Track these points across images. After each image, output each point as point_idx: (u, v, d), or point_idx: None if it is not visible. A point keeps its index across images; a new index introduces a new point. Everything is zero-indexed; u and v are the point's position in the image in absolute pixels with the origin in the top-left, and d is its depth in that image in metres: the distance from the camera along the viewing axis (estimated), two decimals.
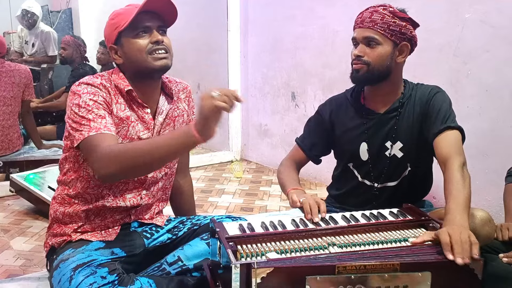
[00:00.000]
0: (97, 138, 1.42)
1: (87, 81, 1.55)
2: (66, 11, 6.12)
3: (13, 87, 3.53)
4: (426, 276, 1.26)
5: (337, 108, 1.91)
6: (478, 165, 2.41)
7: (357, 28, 1.75)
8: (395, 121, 1.80)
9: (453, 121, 1.68)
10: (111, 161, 1.36)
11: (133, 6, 1.57)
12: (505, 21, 2.36)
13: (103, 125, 1.46)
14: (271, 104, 4.02)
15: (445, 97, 1.76)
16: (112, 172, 1.37)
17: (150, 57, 1.54)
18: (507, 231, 1.69)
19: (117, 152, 1.37)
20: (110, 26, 1.58)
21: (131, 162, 1.37)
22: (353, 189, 1.92)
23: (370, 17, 1.71)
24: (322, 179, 3.48)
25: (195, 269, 1.60)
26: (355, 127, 1.85)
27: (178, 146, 1.36)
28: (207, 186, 3.56)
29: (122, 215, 1.67)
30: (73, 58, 4.28)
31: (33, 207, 2.93)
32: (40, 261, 2.22)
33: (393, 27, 1.69)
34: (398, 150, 1.80)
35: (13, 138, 3.57)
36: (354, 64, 1.74)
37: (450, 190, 1.49)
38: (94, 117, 1.47)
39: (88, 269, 1.46)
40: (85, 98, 1.49)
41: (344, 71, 3.23)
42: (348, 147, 1.87)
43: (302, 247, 1.35)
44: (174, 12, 1.58)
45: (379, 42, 1.70)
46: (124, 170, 1.38)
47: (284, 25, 3.77)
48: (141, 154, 1.36)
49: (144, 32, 1.54)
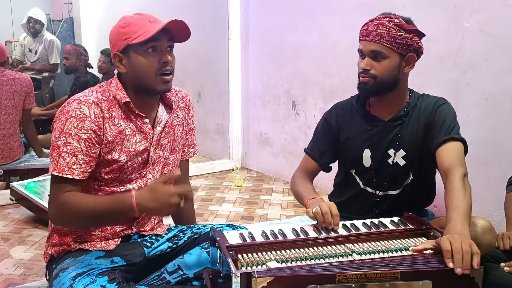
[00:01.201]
0: (58, 180, 1.49)
1: (80, 98, 1.52)
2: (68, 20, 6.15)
3: (14, 95, 3.54)
4: (426, 285, 1.25)
5: (343, 113, 1.92)
6: (478, 174, 2.41)
7: (363, 41, 1.74)
8: (399, 129, 1.80)
9: (457, 133, 1.69)
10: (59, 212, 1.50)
11: (145, 18, 1.54)
12: (504, 30, 2.37)
13: (69, 166, 1.47)
14: (272, 113, 4.02)
15: (450, 108, 1.77)
16: (61, 221, 1.56)
17: (157, 78, 1.53)
18: (509, 240, 1.69)
19: (67, 208, 1.49)
20: (120, 34, 1.54)
21: (76, 218, 1.52)
22: (355, 197, 1.91)
23: (376, 31, 1.70)
24: (322, 187, 3.47)
25: (195, 278, 1.59)
26: (359, 133, 1.86)
27: (113, 214, 1.51)
28: (208, 195, 3.55)
29: (124, 227, 1.66)
30: (76, 67, 4.30)
31: (33, 215, 2.93)
32: (40, 270, 2.21)
33: (399, 40, 1.69)
34: (401, 158, 1.80)
35: (13, 147, 3.57)
36: (362, 77, 1.75)
37: (451, 200, 1.49)
38: (66, 152, 1.47)
39: (87, 278, 1.45)
40: (70, 125, 1.48)
41: (344, 79, 3.24)
42: (351, 153, 1.87)
43: (303, 256, 1.35)
44: (186, 34, 1.57)
45: (385, 56, 1.70)
46: (68, 222, 1.57)
47: (284, 34, 3.79)
48: (83, 214, 1.50)
49: (154, 49, 1.52)
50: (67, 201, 1.48)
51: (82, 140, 1.49)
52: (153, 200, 1.41)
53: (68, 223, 1.57)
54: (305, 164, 1.97)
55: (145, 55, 1.52)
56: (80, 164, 1.49)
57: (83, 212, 1.48)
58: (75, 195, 1.50)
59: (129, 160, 1.59)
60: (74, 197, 1.49)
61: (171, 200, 1.39)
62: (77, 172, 1.49)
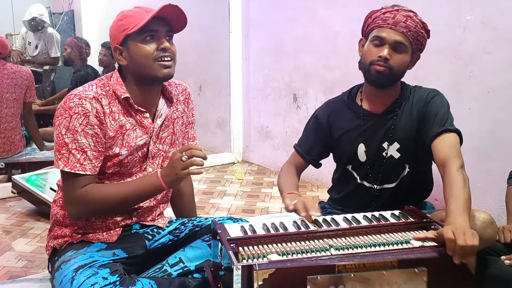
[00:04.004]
0: (70, 176, 1.51)
1: (80, 93, 1.52)
2: (69, 13, 6.13)
3: (15, 89, 3.53)
4: (422, 272, 1.27)
5: (334, 111, 1.91)
6: (480, 167, 2.41)
7: (388, 29, 1.69)
8: (392, 122, 1.80)
9: (451, 124, 1.68)
10: (82, 207, 1.53)
11: (142, 9, 1.55)
12: (506, 23, 2.36)
13: (80, 162, 1.49)
14: (273, 106, 4.02)
15: (443, 100, 1.76)
16: (82, 215, 1.58)
17: (156, 64, 1.53)
18: (509, 233, 1.69)
19: (89, 201, 1.52)
20: (118, 27, 1.56)
21: (100, 209, 1.57)
22: (353, 192, 1.92)
23: (405, 22, 1.68)
24: (323, 181, 3.47)
25: (197, 270, 1.60)
26: (352, 129, 1.85)
27: (145, 196, 1.59)
28: (209, 188, 3.56)
29: (124, 216, 1.67)
30: (74, 60, 4.29)
31: (35, 208, 2.94)
32: (42, 262, 2.22)
33: (419, 37, 1.71)
34: (395, 151, 1.80)
35: (15, 140, 3.57)
36: (379, 65, 1.70)
37: (450, 192, 1.49)
38: (75, 149, 1.49)
39: (89, 270, 1.46)
40: (75, 122, 1.48)
41: (345, 72, 3.23)
42: (346, 149, 1.87)
43: (304, 249, 1.35)
44: (183, 21, 1.58)
45: (405, 50, 1.70)
46: (92, 214, 1.60)
47: (285, 27, 3.78)
48: (110, 203, 1.55)
49: (152, 37, 1.53)
50: (88, 195, 1.51)
51: (89, 136, 1.50)
52: (171, 169, 1.49)
53: (92, 214, 1.60)
54: (293, 159, 1.98)
55: (143, 42, 1.53)
56: (90, 160, 1.51)
57: (109, 201, 1.54)
58: (95, 187, 1.53)
59: (130, 155, 1.59)
60: (95, 189, 1.52)
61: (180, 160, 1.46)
62: (88, 167, 1.51)
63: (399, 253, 1.32)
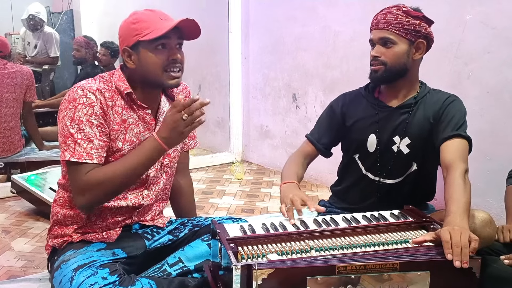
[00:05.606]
0: (76, 166, 1.48)
1: (83, 86, 1.52)
2: (68, 12, 6.12)
3: (15, 88, 3.53)
4: (425, 275, 1.26)
5: (349, 101, 1.94)
6: (479, 167, 2.41)
7: (373, 30, 1.79)
8: (406, 116, 1.82)
9: (463, 131, 1.71)
10: (92, 193, 1.48)
11: (156, 15, 1.54)
12: (506, 22, 2.36)
13: (87, 151, 1.47)
14: (272, 105, 4.02)
15: (461, 106, 1.79)
16: (93, 203, 1.52)
17: (165, 74, 1.54)
18: (509, 232, 1.69)
19: (97, 184, 1.47)
20: (130, 30, 1.54)
21: (110, 190, 1.51)
22: (356, 183, 1.93)
23: (384, 18, 1.75)
24: (323, 180, 3.47)
25: (196, 270, 1.60)
26: (366, 117, 1.87)
27: (152, 161, 1.54)
28: (208, 188, 3.56)
29: (124, 216, 1.67)
30: (85, 58, 4.32)
31: (34, 208, 2.93)
32: (41, 262, 2.22)
33: (407, 26, 1.72)
34: (405, 146, 1.81)
35: (14, 140, 3.57)
36: (372, 65, 1.79)
37: (450, 194, 1.50)
38: (81, 138, 1.47)
39: (89, 270, 1.46)
40: (80, 112, 1.48)
41: (345, 71, 3.23)
42: (357, 136, 1.89)
43: (303, 249, 1.35)
44: (197, 33, 1.59)
45: (394, 42, 1.74)
46: (102, 197, 1.52)
47: (285, 26, 3.77)
48: (118, 179, 1.49)
49: (163, 46, 1.53)
50: (92, 178, 1.47)
51: (94, 125, 1.49)
52: (173, 130, 1.46)
53: (103, 197, 1.53)
54: (303, 147, 1.99)
55: (154, 51, 1.52)
56: (97, 149, 1.50)
57: (118, 178, 1.49)
58: (99, 169, 1.50)
59: (131, 150, 1.59)
60: (99, 171, 1.49)
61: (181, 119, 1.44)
62: (95, 156, 1.49)
63: (400, 253, 1.32)
